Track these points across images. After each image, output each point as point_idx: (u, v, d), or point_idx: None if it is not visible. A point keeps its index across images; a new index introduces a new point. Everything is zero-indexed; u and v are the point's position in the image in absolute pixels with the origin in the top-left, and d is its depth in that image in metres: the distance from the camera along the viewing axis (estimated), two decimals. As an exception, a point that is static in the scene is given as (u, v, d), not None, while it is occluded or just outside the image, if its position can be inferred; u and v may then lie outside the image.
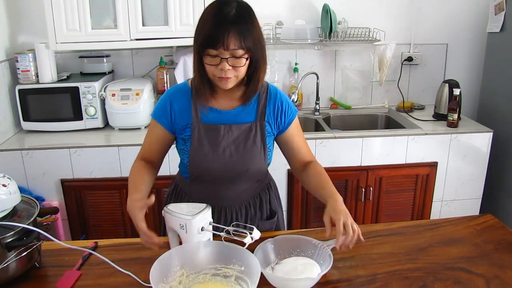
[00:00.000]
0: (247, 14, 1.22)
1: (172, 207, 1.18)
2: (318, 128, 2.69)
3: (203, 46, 1.19)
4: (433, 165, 2.44)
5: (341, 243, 1.18)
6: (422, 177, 2.45)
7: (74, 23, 2.28)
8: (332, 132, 2.44)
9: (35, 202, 1.27)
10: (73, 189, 2.28)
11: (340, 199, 1.25)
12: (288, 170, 2.36)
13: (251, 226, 1.15)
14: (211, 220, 1.17)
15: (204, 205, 1.17)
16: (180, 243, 1.20)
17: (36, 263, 1.23)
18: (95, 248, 1.32)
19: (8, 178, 1.21)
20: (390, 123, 2.83)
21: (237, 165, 1.35)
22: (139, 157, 1.40)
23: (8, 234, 1.12)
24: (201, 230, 1.13)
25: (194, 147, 1.34)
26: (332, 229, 1.20)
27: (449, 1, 2.80)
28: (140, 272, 1.19)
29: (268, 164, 1.44)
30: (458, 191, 2.52)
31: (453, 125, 2.48)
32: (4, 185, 1.18)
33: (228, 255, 1.16)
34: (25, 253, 1.16)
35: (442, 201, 2.53)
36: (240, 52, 1.19)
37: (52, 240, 1.25)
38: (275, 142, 1.45)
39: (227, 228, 1.14)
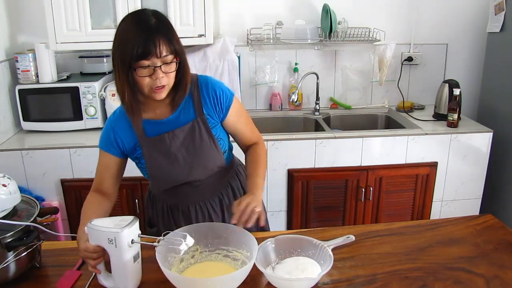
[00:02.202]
0: (166, 20, 1.23)
1: (97, 222, 1.11)
2: (318, 128, 2.69)
3: (135, 59, 1.17)
4: (433, 165, 2.44)
5: (236, 220, 1.22)
6: (422, 177, 2.45)
7: (74, 23, 2.28)
8: (332, 132, 2.44)
9: (35, 202, 1.27)
10: (73, 189, 2.28)
11: (258, 193, 1.29)
12: (288, 170, 2.36)
13: (184, 234, 1.11)
14: (140, 232, 1.13)
15: (131, 217, 1.12)
16: (107, 261, 1.14)
17: (36, 263, 1.23)
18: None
19: (8, 178, 1.22)
20: (390, 123, 2.83)
21: (194, 165, 1.36)
22: (92, 189, 1.39)
23: (8, 234, 1.12)
24: (132, 242, 1.09)
25: (148, 162, 1.36)
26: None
27: (449, 1, 2.80)
28: (140, 272, 1.19)
29: (226, 152, 1.43)
30: (458, 191, 2.52)
31: (453, 125, 2.48)
32: (4, 185, 1.18)
33: (240, 240, 1.21)
34: (25, 253, 1.16)
35: (442, 201, 2.53)
36: (170, 57, 1.20)
37: (53, 236, 1.25)
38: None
39: (159, 238, 1.12)
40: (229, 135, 1.47)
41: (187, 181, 1.39)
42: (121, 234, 1.06)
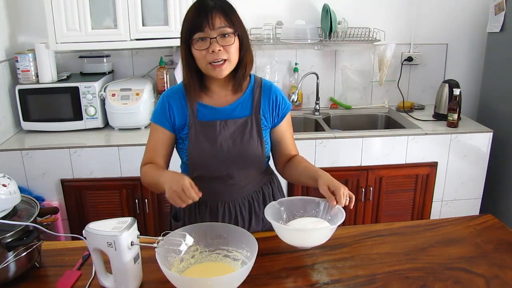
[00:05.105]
0: (228, 3, 1.29)
1: (94, 225, 1.12)
2: (318, 128, 2.69)
3: (190, 33, 1.24)
4: (433, 165, 2.44)
5: (342, 204, 1.26)
6: (422, 177, 2.45)
7: (74, 23, 2.28)
8: (332, 132, 2.44)
9: (35, 202, 1.27)
10: (73, 189, 2.28)
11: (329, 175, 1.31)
12: (288, 170, 2.35)
13: (184, 233, 1.11)
14: (138, 233, 1.13)
15: (129, 219, 1.12)
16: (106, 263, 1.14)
17: (36, 263, 1.23)
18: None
19: (8, 178, 1.21)
20: (390, 123, 2.83)
21: (235, 158, 1.37)
22: (144, 163, 1.40)
23: (8, 234, 1.12)
24: (131, 245, 1.09)
25: (192, 144, 1.36)
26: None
27: (449, 1, 2.80)
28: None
29: (267, 158, 1.46)
30: (458, 191, 2.52)
31: (453, 125, 2.48)
32: (4, 185, 1.18)
33: (241, 239, 1.21)
34: (25, 253, 1.16)
35: (442, 201, 2.53)
36: (227, 30, 1.24)
37: (53, 236, 1.24)
38: None
39: (158, 238, 1.12)
40: (272, 144, 1.48)
41: (223, 174, 1.39)
42: (120, 237, 1.06)
